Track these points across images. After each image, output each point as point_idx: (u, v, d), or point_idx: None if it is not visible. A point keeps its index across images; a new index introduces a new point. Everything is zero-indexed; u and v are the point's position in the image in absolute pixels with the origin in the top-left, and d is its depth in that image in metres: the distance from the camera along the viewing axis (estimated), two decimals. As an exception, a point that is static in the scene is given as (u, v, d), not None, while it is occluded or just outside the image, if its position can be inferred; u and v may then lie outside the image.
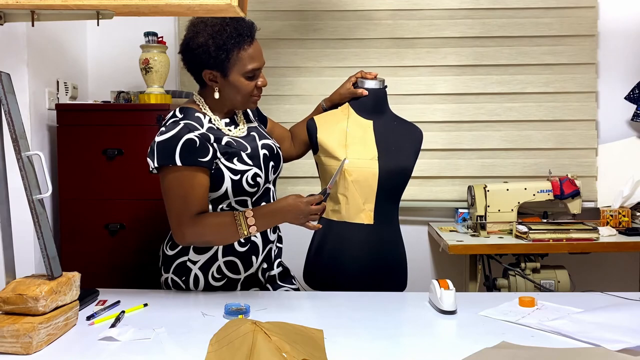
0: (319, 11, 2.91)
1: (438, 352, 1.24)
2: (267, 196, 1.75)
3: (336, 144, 1.82)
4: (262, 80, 1.69)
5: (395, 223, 1.91)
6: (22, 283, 1.31)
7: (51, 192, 1.38)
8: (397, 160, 1.84)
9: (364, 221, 1.82)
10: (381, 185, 1.80)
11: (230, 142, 1.67)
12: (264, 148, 1.74)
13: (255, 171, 1.67)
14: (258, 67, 1.66)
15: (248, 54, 1.63)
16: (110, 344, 1.27)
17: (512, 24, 2.89)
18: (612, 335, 1.26)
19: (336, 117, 1.88)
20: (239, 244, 1.69)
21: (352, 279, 1.83)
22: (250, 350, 1.15)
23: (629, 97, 2.87)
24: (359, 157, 1.81)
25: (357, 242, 1.83)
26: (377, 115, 1.89)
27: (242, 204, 1.69)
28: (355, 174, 1.79)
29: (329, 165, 1.83)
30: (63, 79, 2.61)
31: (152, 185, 2.40)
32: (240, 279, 1.73)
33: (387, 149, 1.83)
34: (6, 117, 1.34)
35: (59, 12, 1.48)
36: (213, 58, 1.62)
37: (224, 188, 1.64)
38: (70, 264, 1.98)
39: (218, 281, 1.71)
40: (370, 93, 1.88)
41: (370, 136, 1.85)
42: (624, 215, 2.71)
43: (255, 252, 1.72)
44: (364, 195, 1.80)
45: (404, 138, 1.89)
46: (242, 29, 1.63)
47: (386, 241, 1.87)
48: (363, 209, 1.81)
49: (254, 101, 1.71)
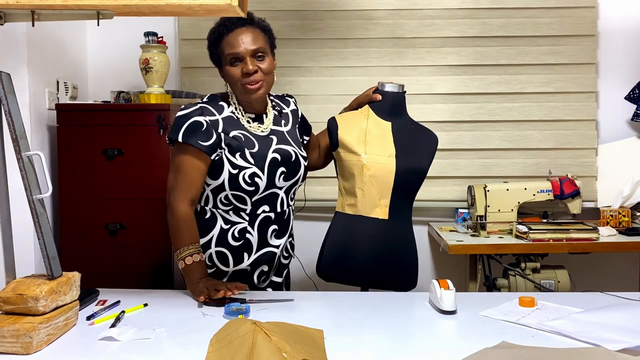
0: (319, 11, 2.91)
1: (438, 352, 1.24)
2: (271, 202, 1.74)
3: (356, 141, 1.90)
4: (245, 67, 1.68)
5: (408, 221, 1.95)
6: (22, 283, 1.31)
7: (51, 192, 1.38)
8: (413, 160, 1.91)
9: (379, 216, 1.87)
10: (397, 182, 1.87)
11: (238, 136, 1.70)
12: (277, 152, 1.73)
13: (254, 170, 1.68)
14: (236, 52, 1.68)
15: (226, 41, 1.70)
16: (110, 344, 1.27)
17: (512, 24, 2.89)
18: (612, 335, 1.26)
19: (357, 117, 1.96)
20: (232, 238, 1.73)
21: (364, 273, 1.88)
22: (250, 350, 1.15)
23: (629, 97, 2.87)
24: (377, 153, 1.88)
25: (371, 236, 1.88)
26: (395, 118, 1.97)
27: (240, 200, 1.71)
28: (373, 169, 1.86)
29: (348, 160, 1.89)
30: (63, 79, 2.61)
31: (152, 185, 2.40)
32: (228, 272, 1.75)
33: (404, 149, 1.91)
34: (6, 117, 1.34)
35: (59, 12, 1.48)
36: (211, 54, 1.76)
37: (221, 178, 1.69)
38: (70, 264, 1.98)
39: (208, 269, 1.73)
40: (389, 96, 1.96)
41: (388, 136, 1.92)
42: (624, 215, 2.71)
43: (248, 250, 1.74)
44: (380, 190, 1.87)
45: (420, 140, 1.98)
46: (227, 19, 1.69)
47: (399, 237, 1.92)
48: (379, 203, 1.87)
49: (248, 90, 1.69)
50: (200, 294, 1.55)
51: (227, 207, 1.73)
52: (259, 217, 1.74)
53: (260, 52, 1.69)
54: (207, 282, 1.60)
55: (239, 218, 1.73)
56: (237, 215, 1.73)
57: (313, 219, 2.97)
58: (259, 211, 1.73)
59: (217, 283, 1.58)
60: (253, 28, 1.70)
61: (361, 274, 1.89)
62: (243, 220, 1.73)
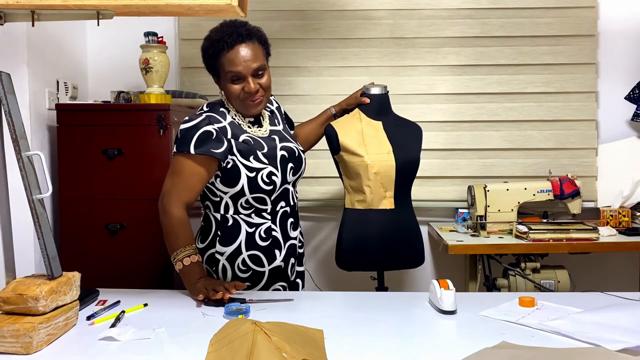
0: (319, 11, 2.91)
1: (438, 352, 1.24)
2: (286, 197, 1.79)
3: (356, 143, 2.09)
4: (247, 86, 1.69)
5: (410, 204, 2.21)
6: (22, 283, 1.31)
7: (51, 192, 1.38)
8: (407, 152, 2.14)
9: (387, 206, 2.11)
10: (398, 174, 2.10)
11: (247, 140, 1.72)
12: (283, 150, 1.78)
13: (270, 169, 1.71)
14: (237, 71, 1.67)
15: (227, 58, 1.69)
16: (110, 344, 1.27)
17: (512, 24, 2.89)
18: (612, 335, 1.26)
19: (350, 121, 2.15)
20: (260, 239, 1.75)
21: (380, 257, 2.15)
22: (250, 351, 1.15)
23: (629, 97, 2.87)
24: (377, 152, 2.09)
25: (382, 224, 2.12)
26: (383, 117, 2.18)
27: (260, 201, 1.74)
28: (376, 166, 2.07)
29: (352, 161, 2.09)
30: (63, 79, 2.61)
31: (152, 185, 2.40)
32: (265, 272, 1.77)
33: (398, 144, 2.13)
34: (6, 117, 1.34)
35: (59, 12, 1.48)
36: (206, 64, 1.76)
37: (240, 184, 1.70)
38: (70, 264, 1.98)
39: (244, 273, 1.76)
40: (375, 98, 2.17)
41: (382, 134, 2.14)
42: (624, 215, 2.71)
43: (278, 246, 1.78)
44: (384, 184, 2.09)
45: (408, 133, 2.21)
46: (225, 35, 1.68)
47: (405, 221, 2.18)
48: (385, 195, 2.10)
49: (251, 105, 1.73)
50: (199, 293, 1.56)
51: (248, 211, 1.75)
52: (278, 213, 1.78)
53: (261, 69, 1.71)
54: (206, 282, 1.60)
55: (262, 219, 1.76)
56: (259, 216, 1.76)
57: (315, 219, 2.98)
58: (278, 207, 1.77)
59: (216, 283, 1.59)
60: (252, 43, 1.70)
61: (378, 259, 2.15)
62: (266, 220, 1.76)
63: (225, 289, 1.54)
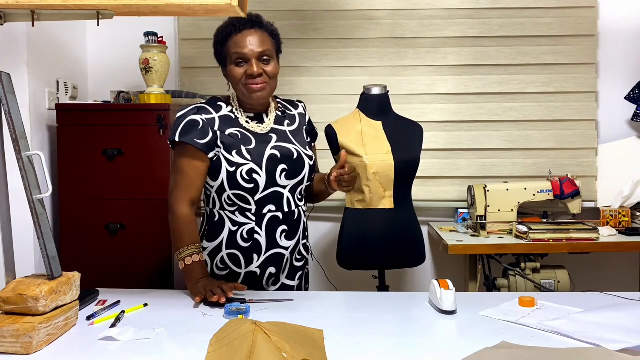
0: (319, 11, 2.91)
1: (438, 352, 1.24)
2: (277, 200, 1.72)
3: (355, 143, 2.11)
4: (250, 68, 1.67)
5: (410, 204, 2.22)
6: (22, 283, 1.31)
7: (51, 192, 1.38)
8: (407, 152, 2.15)
9: (386, 206, 2.14)
10: (397, 174, 2.11)
11: (234, 134, 1.70)
12: (276, 149, 1.71)
13: (251, 167, 1.67)
14: (242, 52, 1.67)
15: (234, 41, 1.69)
16: (110, 344, 1.27)
17: (512, 24, 2.89)
18: (612, 335, 1.26)
19: (350, 121, 2.18)
20: (242, 239, 1.73)
21: (381, 256, 2.17)
22: (250, 351, 1.15)
23: (629, 97, 2.87)
24: (376, 152, 2.10)
25: (381, 224, 2.14)
26: (383, 117, 2.20)
27: (242, 199, 1.71)
28: (375, 167, 2.09)
29: (351, 162, 2.04)
30: (63, 79, 2.61)
31: (152, 185, 2.40)
32: (241, 274, 1.75)
33: (397, 144, 2.14)
34: (6, 117, 1.34)
35: (59, 12, 1.48)
36: (216, 51, 1.76)
37: (220, 178, 1.69)
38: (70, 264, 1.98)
39: (222, 271, 1.75)
40: (376, 98, 2.20)
41: (381, 134, 2.15)
42: (624, 215, 2.71)
43: (257, 251, 1.73)
44: (384, 184, 2.11)
45: (408, 133, 2.21)
46: (236, 20, 1.69)
47: (405, 220, 2.20)
48: (384, 195, 2.13)
49: (250, 90, 1.69)
50: (198, 294, 1.56)
51: (232, 208, 1.73)
52: (265, 217, 1.72)
53: (267, 56, 1.69)
54: (206, 283, 1.60)
55: (245, 219, 1.72)
56: (243, 215, 1.73)
57: (321, 219, 2.98)
58: (265, 210, 1.72)
59: (216, 284, 1.58)
60: (262, 31, 1.70)
61: (378, 258, 2.17)
62: (250, 221, 1.72)
63: (223, 291, 1.53)
